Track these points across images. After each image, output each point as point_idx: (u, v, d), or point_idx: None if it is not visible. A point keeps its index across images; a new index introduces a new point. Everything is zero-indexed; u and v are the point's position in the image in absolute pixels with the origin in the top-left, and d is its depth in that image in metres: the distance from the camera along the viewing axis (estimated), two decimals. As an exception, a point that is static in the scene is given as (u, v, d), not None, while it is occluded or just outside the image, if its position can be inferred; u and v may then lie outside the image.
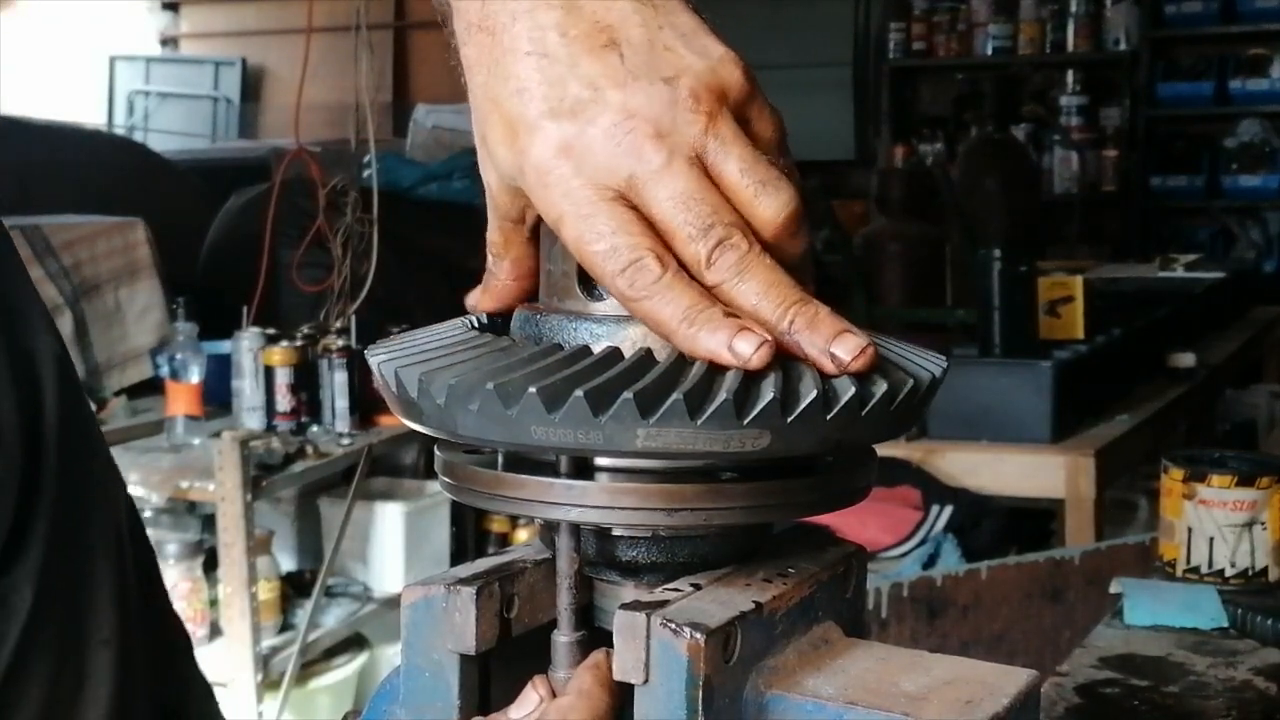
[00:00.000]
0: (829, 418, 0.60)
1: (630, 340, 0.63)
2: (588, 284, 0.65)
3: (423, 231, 4.60)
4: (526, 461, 0.63)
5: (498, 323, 0.72)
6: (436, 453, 0.67)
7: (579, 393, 0.57)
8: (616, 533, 0.65)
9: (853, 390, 0.60)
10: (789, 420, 0.59)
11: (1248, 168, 7.26)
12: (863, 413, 0.61)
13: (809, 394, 0.59)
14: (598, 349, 0.62)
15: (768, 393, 0.58)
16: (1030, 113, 7.28)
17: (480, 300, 0.72)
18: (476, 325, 0.71)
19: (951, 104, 7.55)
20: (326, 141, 4.68)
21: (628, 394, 0.57)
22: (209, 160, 6.72)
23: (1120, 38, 7.38)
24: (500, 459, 0.65)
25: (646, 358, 0.60)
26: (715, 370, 0.60)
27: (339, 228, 3.96)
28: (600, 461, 0.62)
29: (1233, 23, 7.20)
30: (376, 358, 0.66)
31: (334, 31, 4.69)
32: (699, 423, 0.58)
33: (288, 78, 8.39)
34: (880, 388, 0.61)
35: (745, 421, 0.58)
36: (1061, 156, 7.39)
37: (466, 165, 5.58)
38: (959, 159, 5.68)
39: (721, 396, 0.58)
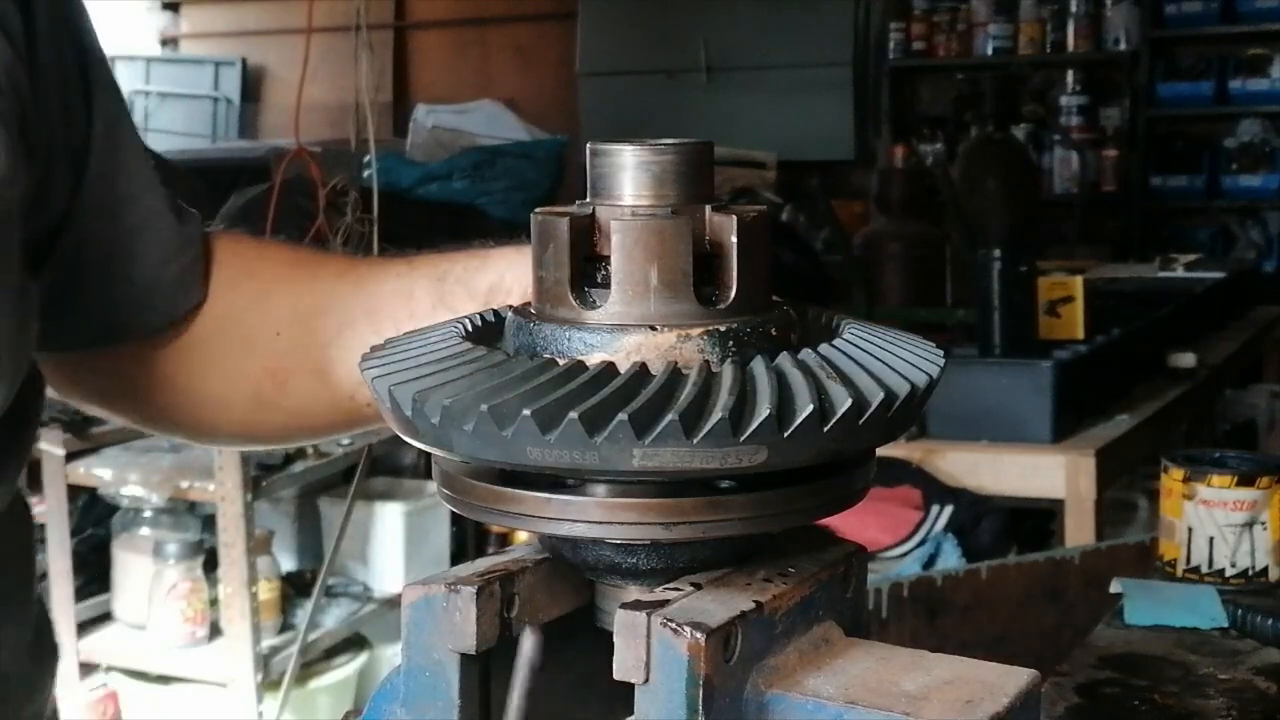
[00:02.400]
0: (826, 430, 0.59)
1: (625, 350, 0.63)
2: (581, 291, 0.65)
3: (423, 231, 4.59)
4: (524, 474, 0.63)
5: (491, 324, 0.72)
6: (434, 462, 0.67)
7: (573, 414, 0.57)
8: (614, 542, 0.65)
9: (850, 401, 0.60)
10: (785, 435, 0.59)
11: (1248, 168, 7.26)
12: (860, 422, 0.61)
13: (805, 408, 0.59)
14: (592, 360, 0.62)
15: (764, 408, 0.58)
16: (1030, 113, 7.29)
17: None
18: (469, 330, 0.71)
19: (951, 104, 7.54)
20: (326, 141, 4.68)
21: (623, 415, 0.57)
22: (209, 160, 6.72)
23: (1120, 38, 7.37)
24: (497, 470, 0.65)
25: (641, 373, 0.60)
26: (710, 385, 0.60)
27: (339, 228, 3.96)
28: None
29: (1233, 23, 7.20)
30: (370, 371, 0.66)
31: (334, 31, 4.70)
32: (695, 441, 0.58)
33: (288, 78, 8.40)
34: (878, 396, 0.61)
35: (741, 439, 0.58)
36: (1061, 156, 7.39)
37: (466, 165, 5.59)
38: (959, 159, 5.67)
39: (717, 415, 0.58)
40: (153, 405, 1.07)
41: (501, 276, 0.98)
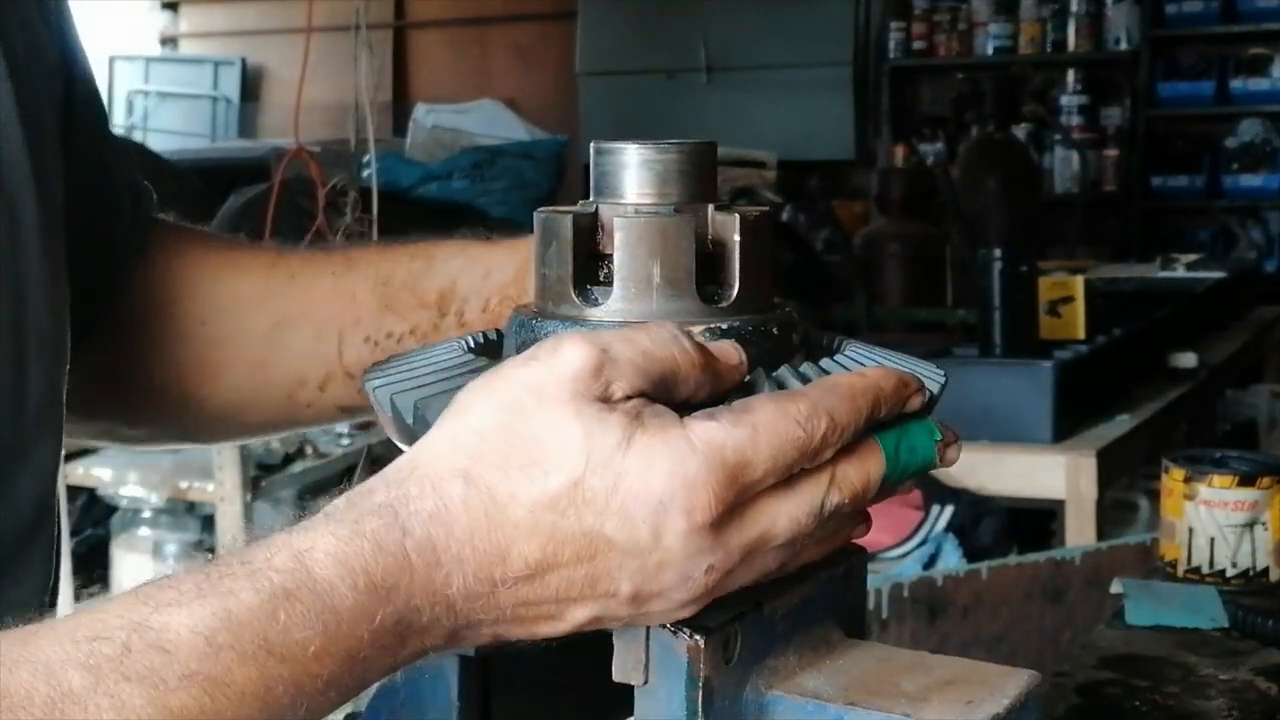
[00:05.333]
0: None
1: None
2: (583, 288, 0.65)
3: (423, 231, 4.58)
4: None
5: (493, 342, 0.72)
6: None
7: None
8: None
9: None
10: None
11: (1248, 168, 7.26)
12: None
13: None
14: None
15: None
16: (1030, 113, 7.28)
17: None
18: (472, 346, 0.71)
19: (951, 104, 7.53)
20: (326, 141, 4.68)
21: None
22: (209, 160, 6.71)
23: (1121, 37, 7.37)
24: None
25: None
26: (711, 391, 0.60)
27: (339, 228, 3.96)
28: None
29: (1233, 22, 7.19)
30: (372, 383, 0.67)
31: (334, 31, 4.69)
32: None
33: (288, 78, 8.39)
34: None
35: None
36: (1062, 156, 7.38)
37: (466, 165, 5.59)
38: (959, 159, 5.67)
39: None
40: (80, 398, 0.96)
41: (453, 283, 0.95)
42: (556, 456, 0.57)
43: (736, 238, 0.65)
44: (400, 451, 0.61)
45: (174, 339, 0.99)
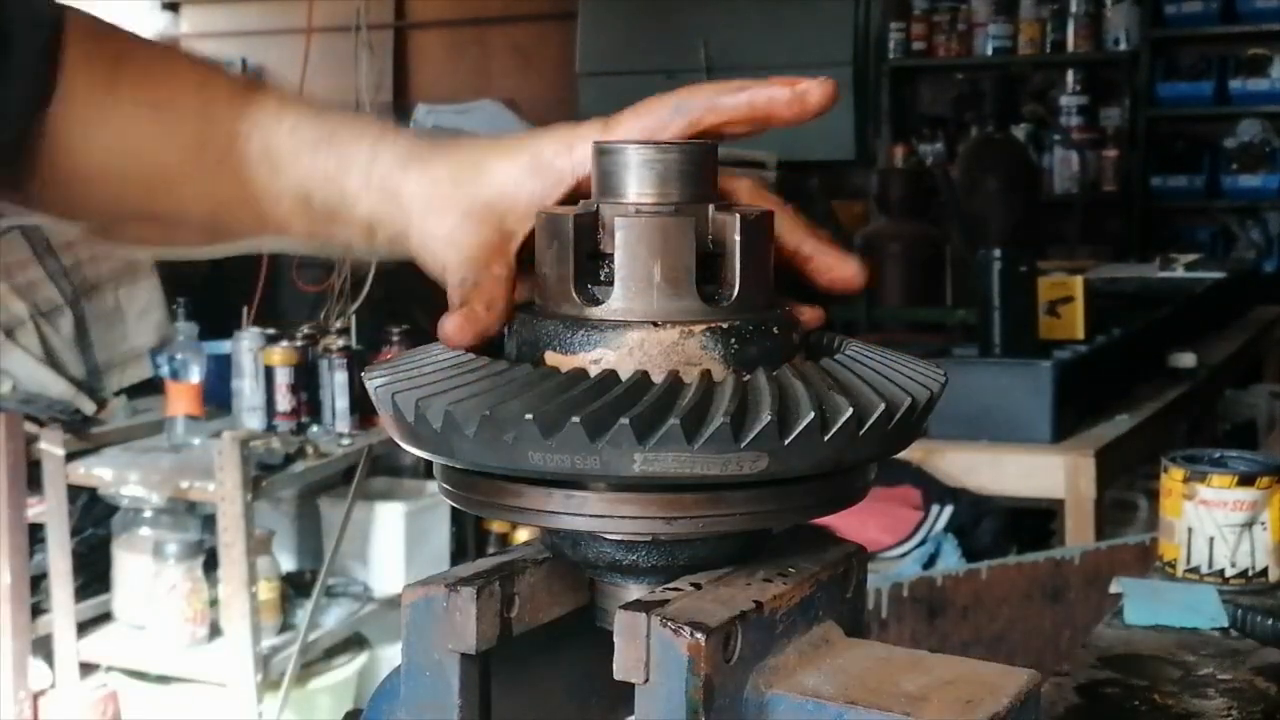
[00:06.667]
0: (826, 439, 0.60)
1: (627, 346, 0.63)
2: (584, 288, 0.65)
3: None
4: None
5: (495, 341, 0.72)
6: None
7: (575, 419, 0.58)
8: (616, 538, 0.65)
9: (850, 411, 0.60)
10: (786, 443, 0.59)
11: (1248, 168, 7.25)
12: (860, 432, 0.61)
13: (806, 415, 0.59)
14: (595, 354, 0.62)
15: (764, 414, 0.59)
16: (1030, 113, 7.28)
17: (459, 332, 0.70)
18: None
19: (951, 104, 7.54)
20: (326, 141, 4.67)
21: (624, 419, 0.57)
22: (209, 160, 6.71)
23: (1120, 38, 7.37)
24: None
25: (643, 380, 0.61)
26: (712, 392, 0.60)
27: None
28: None
29: (1233, 23, 7.19)
30: (374, 381, 0.67)
31: (334, 31, 4.70)
32: (696, 447, 0.58)
33: (288, 78, 8.38)
34: (878, 407, 0.61)
35: (742, 445, 0.58)
36: (1061, 156, 7.38)
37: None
38: (959, 159, 5.67)
39: (718, 420, 0.58)
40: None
41: (369, 225, 0.84)
42: None
43: (737, 238, 0.65)
44: (402, 451, 0.61)
45: (109, 202, 0.94)
